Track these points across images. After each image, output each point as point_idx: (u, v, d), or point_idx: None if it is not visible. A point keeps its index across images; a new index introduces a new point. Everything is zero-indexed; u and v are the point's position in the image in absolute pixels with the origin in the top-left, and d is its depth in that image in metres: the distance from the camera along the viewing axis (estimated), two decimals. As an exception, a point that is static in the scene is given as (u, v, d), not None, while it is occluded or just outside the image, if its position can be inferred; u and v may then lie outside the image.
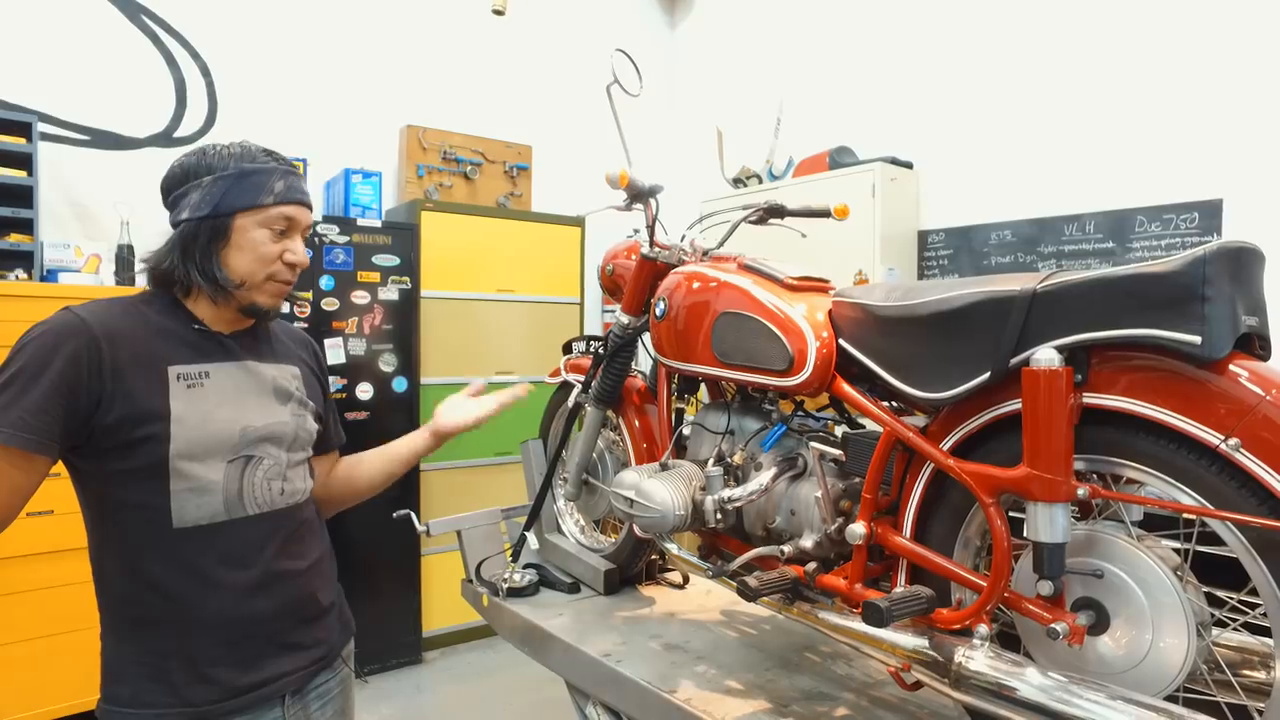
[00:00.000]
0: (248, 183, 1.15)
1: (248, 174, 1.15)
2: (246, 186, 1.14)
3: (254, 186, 1.15)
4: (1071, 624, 1.07)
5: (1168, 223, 2.77)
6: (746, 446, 1.61)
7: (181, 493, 1.09)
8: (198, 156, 1.17)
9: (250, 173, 1.15)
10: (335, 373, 3.36)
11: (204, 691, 1.11)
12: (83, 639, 2.57)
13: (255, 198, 1.15)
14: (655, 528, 1.56)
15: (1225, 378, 0.97)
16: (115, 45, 3.30)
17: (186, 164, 1.17)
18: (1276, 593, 0.94)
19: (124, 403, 1.06)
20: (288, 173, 1.19)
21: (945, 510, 1.29)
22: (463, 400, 1.57)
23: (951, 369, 1.20)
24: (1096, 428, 1.10)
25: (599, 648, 1.73)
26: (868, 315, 1.36)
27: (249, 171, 1.15)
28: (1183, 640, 1.03)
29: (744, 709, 1.45)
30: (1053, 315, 1.09)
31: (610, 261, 2.08)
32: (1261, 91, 2.59)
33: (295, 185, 1.19)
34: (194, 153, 1.18)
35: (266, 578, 1.16)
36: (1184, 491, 1.03)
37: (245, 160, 1.16)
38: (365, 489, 1.46)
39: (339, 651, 1.31)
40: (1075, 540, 1.14)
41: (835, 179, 3.55)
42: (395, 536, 3.42)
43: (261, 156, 1.18)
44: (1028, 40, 3.21)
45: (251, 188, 1.15)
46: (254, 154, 1.18)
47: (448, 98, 4.18)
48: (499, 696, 3.27)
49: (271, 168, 1.17)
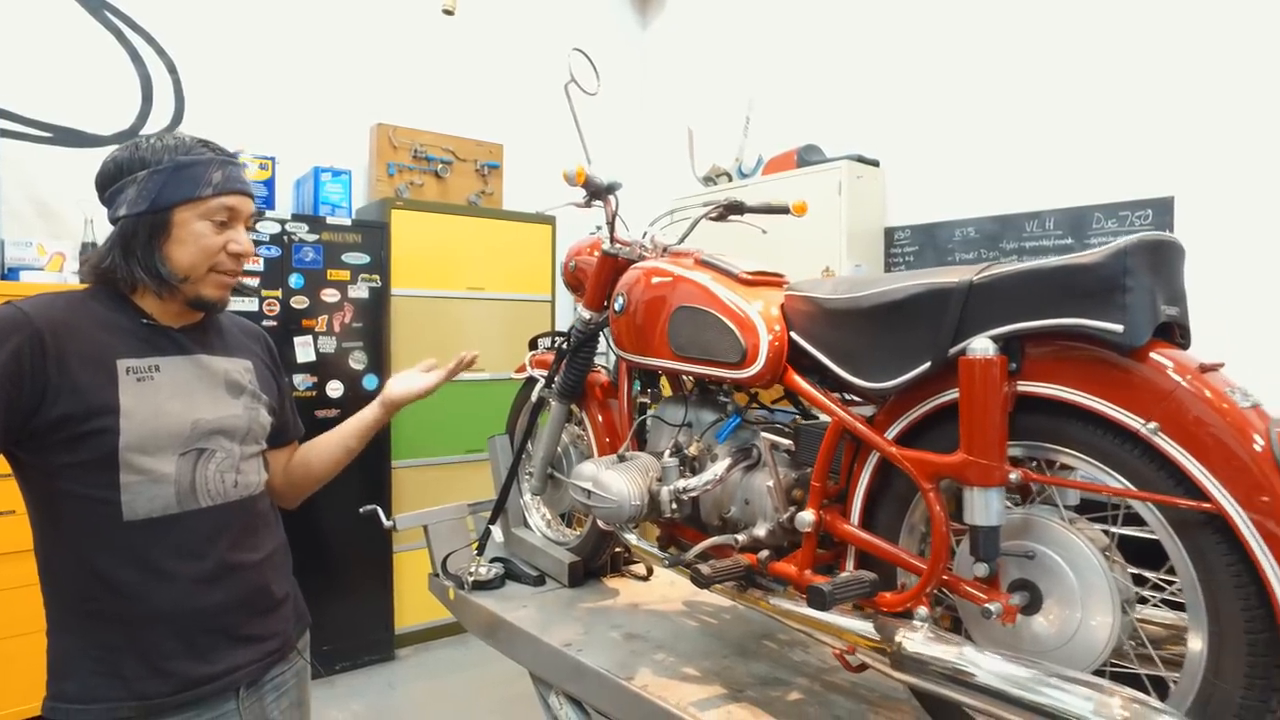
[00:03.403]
0: (184, 175, 1.14)
1: (183, 166, 1.14)
2: (183, 179, 1.13)
3: (191, 179, 1.14)
4: (1005, 604, 1.11)
5: (1123, 219, 2.84)
6: (703, 438, 1.64)
7: (132, 485, 1.10)
8: (130, 151, 1.15)
9: (186, 165, 1.14)
10: (305, 370, 3.36)
11: (157, 684, 1.11)
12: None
13: (193, 190, 1.14)
14: (612, 518, 1.59)
15: (1146, 365, 1.01)
16: (78, 41, 3.27)
17: (120, 159, 1.15)
18: (1190, 569, 0.99)
19: (71, 397, 1.06)
20: (225, 162, 1.18)
21: (891, 498, 1.33)
22: (413, 373, 1.60)
23: (894, 359, 1.24)
24: (1032, 415, 1.14)
25: (561, 638, 1.75)
26: (816, 308, 1.39)
27: (185, 164, 1.14)
28: (1109, 618, 1.07)
29: (699, 694, 1.48)
30: (988, 306, 1.13)
31: (573, 258, 2.10)
32: (1210, 93, 2.66)
33: (234, 175, 1.18)
34: (127, 147, 1.16)
35: (220, 569, 1.16)
36: (1111, 475, 1.07)
37: (180, 152, 1.15)
38: (324, 471, 1.47)
39: (294, 643, 1.32)
40: (1011, 524, 1.17)
41: (802, 177, 3.59)
42: (367, 534, 3.42)
43: (197, 147, 1.17)
44: (991, 42, 3.27)
45: (189, 180, 1.14)
46: (189, 145, 1.17)
47: (419, 96, 4.18)
48: (470, 692, 3.28)
49: (208, 158, 1.16)
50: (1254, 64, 2.58)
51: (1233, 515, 0.93)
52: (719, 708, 1.43)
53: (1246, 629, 0.93)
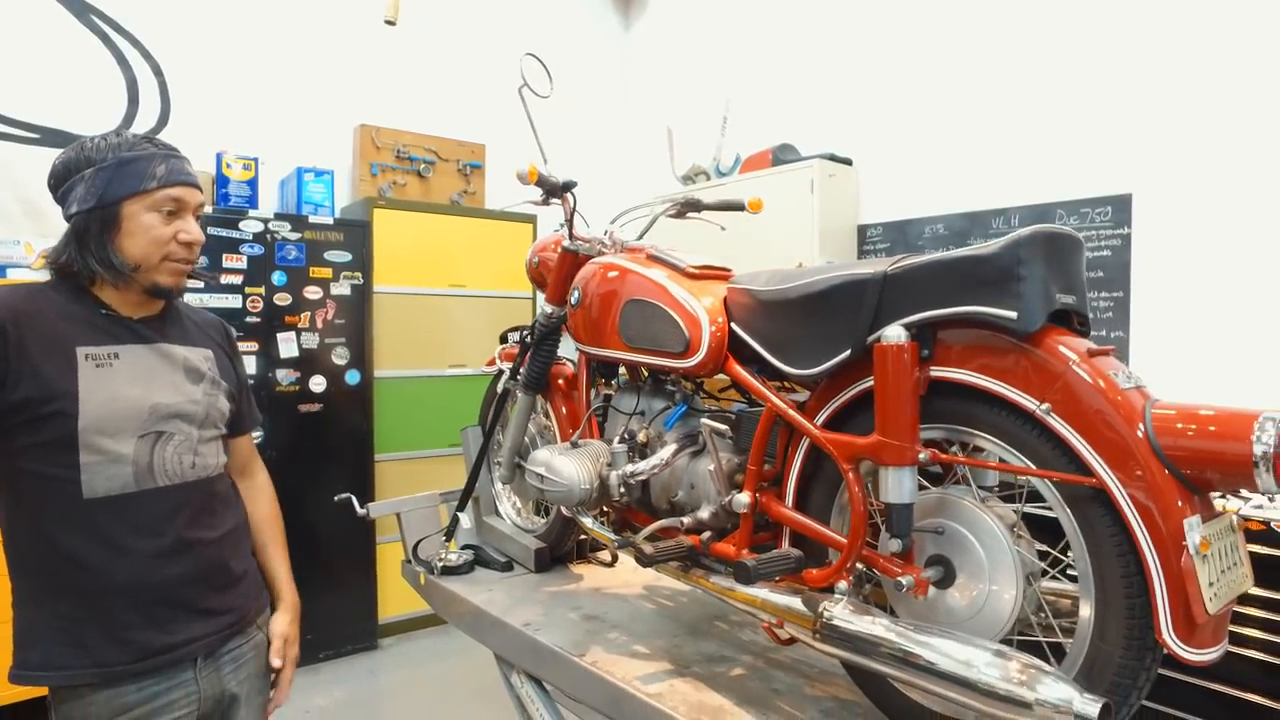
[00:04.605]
0: (128, 170, 1.20)
1: (127, 162, 1.20)
2: (128, 174, 1.20)
3: (135, 173, 1.20)
4: (916, 577, 1.18)
5: (1084, 216, 2.90)
6: (652, 425, 1.71)
7: (91, 465, 1.16)
8: (76, 151, 1.22)
9: (130, 160, 1.21)
10: (289, 365, 3.43)
11: (117, 653, 1.18)
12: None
13: (139, 184, 1.20)
14: (564, 501, 1.65)
15: (1041, 349, 1.08)
16: (65, 45, 3.34)
17: (68, 159, 1.22)
18: (1081, 541, 1.05)
19: (31, 381, 1.13)
20: (168, 156, 1.24)
21: (822, 480, 1.39)
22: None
23: (818, 348, 1.31)
24: (946, 399, 1.21)
25: (521, 619, 1.82)
26: (752, 299, 1.46)
27: (128, 159, 1.21)
28: (1013, 589, 1.13)
29: (646, 669, 1.54)
30: (901, 295, 1.19)
31: (537, 254, 2.17)
32: (1167, 95, 2.73)
33: (177, 168, 1.25)
34: (73, 147, 1.23)
35: (178, 545, 1.23)
36: (1014, 455, 1.14)
37: (124, 149, 1.22)
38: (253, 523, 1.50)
39: (253, 618, 1.38)
40: (927, 503, 1.24)
41: (777, 175, 3.66)
42: (349, 526, 3.49)
43: (140, 144, 1.24)
44: (960, 45, 3.33)
45: (133, 174, 1.20)
46: (132, 142, 1.23)
47: (401, 97, 4.25)
48: (451, 679, 3.35)
49: (151, 153, 1.23)
50: (1208, 66, 2.64)
51: (1113, 489, 0.99)
52: (663, 681, 1.49)
53: (1125, 594, 1.00)
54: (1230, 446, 0.94)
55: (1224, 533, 1.01)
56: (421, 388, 3.86)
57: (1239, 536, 1.05)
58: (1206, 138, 2.65)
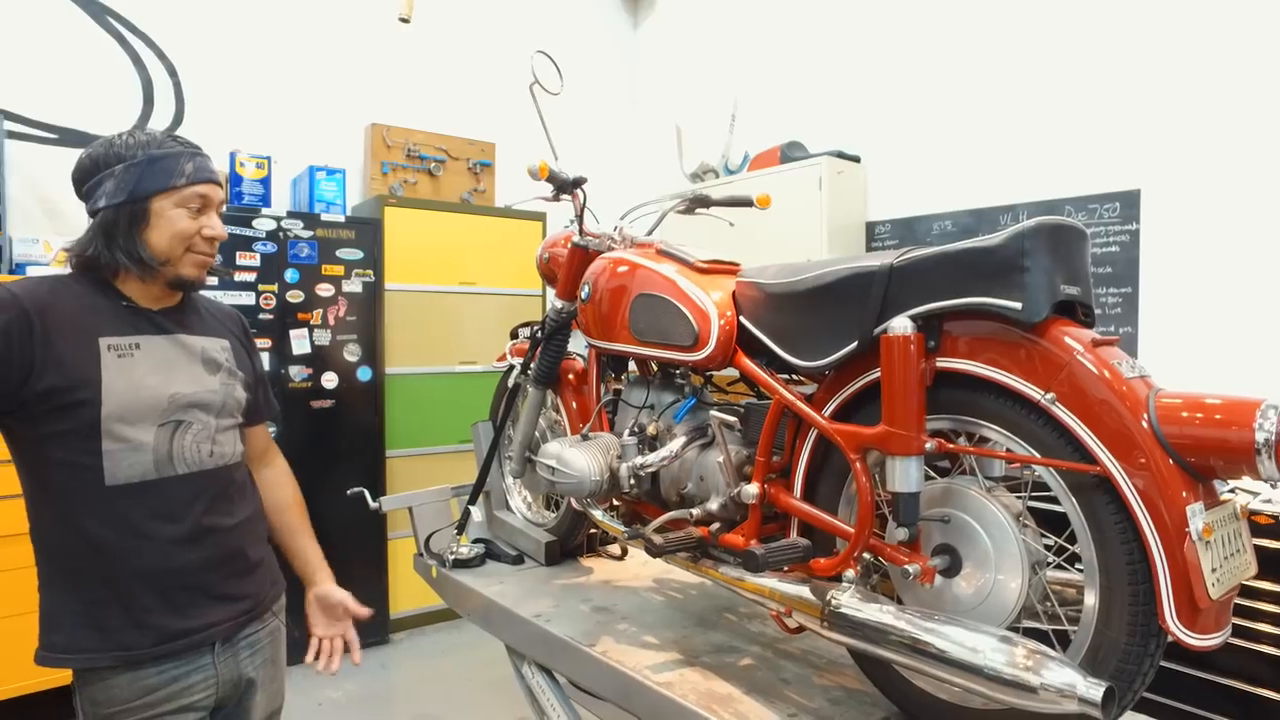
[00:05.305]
0: (158, 167, 1.24)
1: (157, 159, 1.24)
2: (158, 171, 1.23)
3: (165, 170, 1.24)
4: (923, 565, 1.20)
5: (1092, 212, 2.90)
6: (661, 418, 1.73)
7: (113, 453, 1.19)
8: (105, 147, 1.25)
9: (159, 158, 1.24)
10: (301, 362, 3.46)
11: (137, 636, 1.21)
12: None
13: (168, 180, 1.24)
14: (575, 492, 1.68)
15: (1046, 340, 1.09)
16: (81, 46, 3.38)
17: (95, 155, 1.25)
18: (1085, 529, 1.07)
19: (55, 371, 1.16)
20: (195, 154, 1.28)
21: (830, 471, 1.41)
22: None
23: (826, 340, 1.32)
24: (953, 390, 1.22)
25: (532, 610, 1.84)
26: (761, 293, 1.47)
27: (158, 157, 1.24)
28: (1019, 578, 1.15)
29: (656, 659, 1.56)
30: (907, 287, 1.21)
31: (547, 250, 2.19)
32: (1175, 91, 2.73)
33: (204, 165, 1.29)
34: (101, 143, 1.26)
35: (196, 531, 1.26)
36: (1020, 444, 1.15)
37: (153, 147, 1.25)
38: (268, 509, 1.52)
39: (268, 605, 1.41)
40: (934, 493, 1.26)
41: (786, 173, 3.67)
42: (361, 522, 3.52)
43: (168, 142, 1.27)
44: (968, 42, 3.34)
45: (163, 171, 1.24)
46: (160, 140, 1.27)
47: (412, 96, 4.28)
48: (462, 672, 3.38)
49: (179, 151, 1.27)
50: (1216, 62, 2.64)
51: (1116, 477, 1.01)
52: (673, 671, 1.51)
53: (1129, 580, 1.01)
54: (1233, 434, 0.95)
55: (1227, 520, 1.02)
56: (432, 384, 3.89)
57: (1243, 524, 1.05)
58: (1214, 133, 2.65)
